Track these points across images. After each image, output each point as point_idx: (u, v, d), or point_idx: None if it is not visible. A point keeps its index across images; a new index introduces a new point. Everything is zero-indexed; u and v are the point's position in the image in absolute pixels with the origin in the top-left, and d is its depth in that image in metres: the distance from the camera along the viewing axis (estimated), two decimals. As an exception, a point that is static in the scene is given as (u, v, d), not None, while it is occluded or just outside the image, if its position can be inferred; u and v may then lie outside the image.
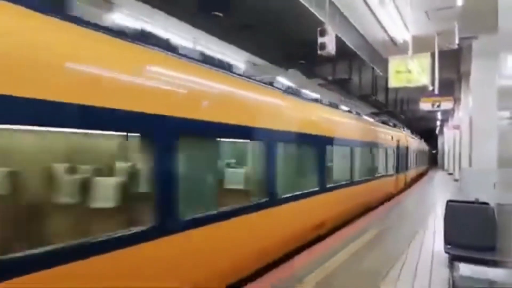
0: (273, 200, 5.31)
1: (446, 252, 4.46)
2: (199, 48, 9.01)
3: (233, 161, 6.01)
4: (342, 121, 8.67)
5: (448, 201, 4.84)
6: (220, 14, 6.90)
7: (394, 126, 17.89)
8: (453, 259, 4.44)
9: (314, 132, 6.80)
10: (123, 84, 3.11)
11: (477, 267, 4.31)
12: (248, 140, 5.19)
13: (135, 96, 3.18)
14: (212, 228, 4.01)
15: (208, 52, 9.38)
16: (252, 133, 4.93)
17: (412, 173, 20.34)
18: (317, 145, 6.95)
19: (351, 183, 8.84)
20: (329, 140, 7.52)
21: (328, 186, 7.22)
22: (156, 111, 3.34)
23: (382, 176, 12.16)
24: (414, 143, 22.39)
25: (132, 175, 3.83)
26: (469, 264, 4.43)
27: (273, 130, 5.36)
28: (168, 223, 3.42)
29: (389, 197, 12.81)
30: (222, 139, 4.73)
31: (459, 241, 4.45)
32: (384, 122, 14.78)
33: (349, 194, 8.68)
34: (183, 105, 3.70)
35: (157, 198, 3.35)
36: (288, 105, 6.07)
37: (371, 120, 12.44)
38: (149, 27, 7.48)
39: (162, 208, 3.39)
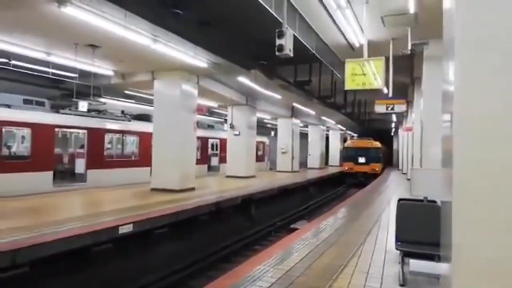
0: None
1: (397, 249, 4.63)
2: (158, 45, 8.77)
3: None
4: None
5: (399, 200, 5.04)
6: (180, 12, 6.79)
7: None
8: (404, 256, 4.63)
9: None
10: None
11: (427, 263, 4.51)
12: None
13: None
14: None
15: (166, 49, 9.16)
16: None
17: None
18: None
19: None
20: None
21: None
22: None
23: None
24: None
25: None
26: (418, 259, 4.64)
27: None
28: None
29: None
30: None
31: (409, 238, 4.63)
32: None
33: None
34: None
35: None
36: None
37: None
38: (107, 24, 7.17)
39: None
